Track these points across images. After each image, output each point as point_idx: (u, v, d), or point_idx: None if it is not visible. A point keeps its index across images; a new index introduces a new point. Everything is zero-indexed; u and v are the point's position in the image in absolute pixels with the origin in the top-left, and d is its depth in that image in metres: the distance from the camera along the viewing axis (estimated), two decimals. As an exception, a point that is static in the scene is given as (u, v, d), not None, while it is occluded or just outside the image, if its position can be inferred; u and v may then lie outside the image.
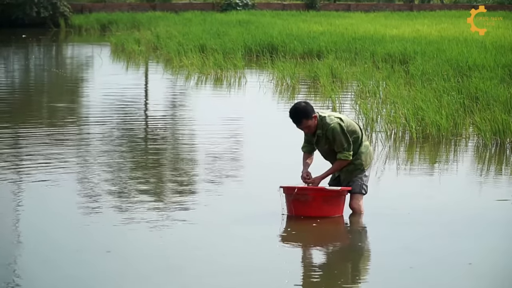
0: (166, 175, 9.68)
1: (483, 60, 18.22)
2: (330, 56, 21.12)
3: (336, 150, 7.73)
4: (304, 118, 7.65)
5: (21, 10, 39.82)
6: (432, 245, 7.07)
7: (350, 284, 6.23)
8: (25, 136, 11.95)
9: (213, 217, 7.80)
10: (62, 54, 29.84)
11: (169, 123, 14.00)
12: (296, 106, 7.71)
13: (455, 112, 12.51)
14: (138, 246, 6.92)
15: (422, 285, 6.17)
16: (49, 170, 9.64)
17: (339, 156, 7.73)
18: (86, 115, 14.51)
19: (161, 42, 27.29)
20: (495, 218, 7.97)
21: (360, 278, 6.39)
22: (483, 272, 6.49)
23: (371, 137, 11.96)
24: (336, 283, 6.19)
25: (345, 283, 6.21)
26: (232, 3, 45.29)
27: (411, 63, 19.17)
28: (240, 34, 26.99)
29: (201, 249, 6.88)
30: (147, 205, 8.14)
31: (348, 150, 7.70)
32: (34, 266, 6.41)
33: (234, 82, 19.35)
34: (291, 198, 7.72)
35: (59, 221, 7.67)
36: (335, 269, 6.57)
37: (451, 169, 10.27)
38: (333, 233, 7.60)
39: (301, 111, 7.65)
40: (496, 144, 11.52)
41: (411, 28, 30.28)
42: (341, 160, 7.74)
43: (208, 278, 6.19)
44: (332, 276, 6.34)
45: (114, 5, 45.03)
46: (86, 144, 11.55)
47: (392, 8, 49.53)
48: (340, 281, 6.23)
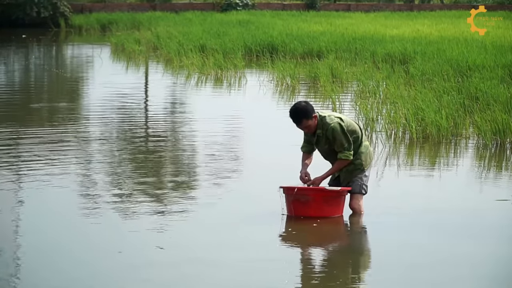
0: (166, 175, 9.68)
1: (483, 60, 18.22)
2: (330, 56, 21.12)
3: (337, 150, 7.73)
4: (304, 118, 7.65)
5: (21, 10, 39.82)
6: (432, 245, 7.07)
7: (350, 284, 6.23)
8: (25, 136, 11.95)
9: (213, 217, 7.80)
10: (62, 54, 29.84)
11: (169, 123, 14.00)
12: (296, 105, 7.70)
13: (455, 112, 12.51)
14: (137, 246, 6.91)
15: (422, 285, 6.17)
16: (49, 171, 9.64)
17: (339, 156, 7.72)
18: (86, 115, 14.51)
19: (161, 42, 27.29)
20: (495, 218, 7.97)
21: (360, 278, 6.39)
22: (484, 272, 6.49)
23: (371, 137, 11.96)
24: (336, 283, 6.18)
25: (345, 283, 6.21)
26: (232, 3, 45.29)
27: (411, 63, 19.17)
28: (240, 34, 26.99)
29: (201, 249, 6.88)
30: (147, 205, 8.14)
31: (349, 149, 7.70)
32: (34, 266, 6.41)
33: (234, 82, 19.36)
34: (291, 198, 7.72)
35: (59, 221, 7.67)
36: (334, 269, 6.57)
37: (451, 169, 10.27)
38: (333, 233, 7.60)
39: (301, 111, 7.65)
40: (496, 144, 11.52)
41: (411, 28, 30.28)
42: (342, 160, 7.74)
43: (208, 279, 6.19)
44: (332, 276, 6.34)
45: (114, 5, 45.02)
46: (86, 144, 11.54)
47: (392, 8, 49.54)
48: (339, 281, 6.23)
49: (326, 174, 7.83)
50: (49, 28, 39.91)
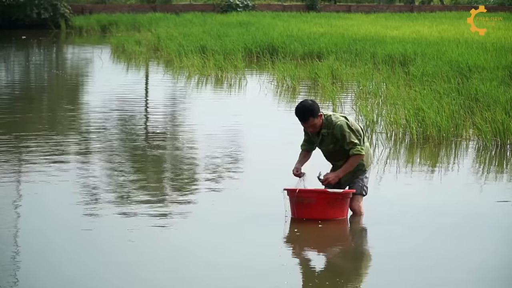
0: (167, 176, 9.68)
1: (483, 61, 18.23)
2: (331, 57, 21.13)
3: (347, 148, 7.70)
4: (310, 116, 7.66)
5: (22, 11, 39.86)
6: (432, 247, 7.07)
7: (350, 285, 6.23)
8: (25, 137, 11.94)
9: (214, 218, 7.80)
10: (62, 55, 29.84)
11: (169, 124, 14.00)
12: (304, 103, 7.72)
13: (455, 113, 12.51)
14: (137, 247, 6.91)
15: (422, 286, 6.17)
16: (49, 171, 9.64)
17: (352, 152, 7.70)
18: (86, 116, 14.50)
19: (161, 43, 27.31)
20: (495, 220, 7.97)
21: (361, 280, 6.39)
22: (484, 273, 6.49)
23: (371, 139, 11.96)
24: (335, 285, 6.19)
25: (345, 284, 6.21)
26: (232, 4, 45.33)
27: (412, 64, 19.18)
28: (240, 35, 27.01)
29: (202, 250, 6.88)
30: (147, 206, 8.14)
31: (360, 144, 7.70)
32: (34, 267, 6.41)
33: (234, 83, 19.36)
34: (294, 200, 7.73)
35: (59, 222, 7.67)
36: (335, 271, 6.57)
37: (452, 171, 10.27)
38: (333, 235, 7.59)
39: (308, 109, 7.66)
40: (497, 145, 11.52)
41: (412, 29, 30.30)
42: (355, 156, 7.71)
43: (208, 279, 6.19)
44: (332, 278, 6.34)
45: (114, 6, 45.06)
46: (86, 144, 11.54)
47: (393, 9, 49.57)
48: (340, 282, 6.23)
49: (341, 172, 7.76)
50: (49, 29, 39.95)
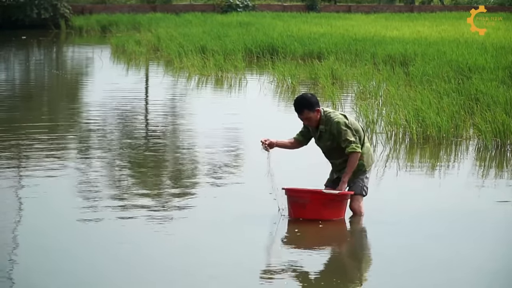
0: (166, 176, 9.68)
1: (483, 61, 18.23)
2: (331, 58, 21.13)
3: (343, 145, 7.70)
4: (306, 108, 7.69)
5: (22, 11, 39.86)
6: (432, 247, 7.07)
7: (350, 285, 6.23)
8: (25, 137, 11.95)
9: (213, 218, 7.80)
10: (62, 55, 29.85)
11: (169, 124, 14.00)
12: (302, 95, 7.80)
13: (455, 114, 12.51)
14: (137, 246, 6.92)
15: (422, 286, 6.17)
16: (49, 171, 9.65)
17: (347, 150, 7.69)
18: (86, 116, 14.50)
19: (161, 44, 27.31)
20: (495, 220, 7.97)
21: (361, 280, 6.39)
22: (484, 273, 6.49)
23: (371, 139, 11.96)
24: (335, 284, 6.18)
25: (345, 284, 6.21)
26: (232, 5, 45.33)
27: (412, 64, 19.18)
28: (240, 36, 27.01)
29: (200, 249, 6.89)
30: (147, 206, 8.15)
31: (356, 142, 7.69)
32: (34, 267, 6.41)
33: (234, 83, 19.36)
34: (289, 200, 7.74)
35: (59, 221, 7.67)
36: (333, 272, 6.57)
37: (452, 171, 10.27)
38: (333, 235, 7.59)
39: (305, 101, 7.70)
40: (497, 145, 11.52)
41: (412, 29, 30.30)
42: (352, 154, 7.69)
43: (208, 279, 6.19)
44: (332, 278, 6.34)
45: (114, 7, 45.07)
46: (86, 144, 11.55)
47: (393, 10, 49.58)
48: (340, 282, 6.23)
49: (346, 175, 7.76)
50: (49, 29, 39.95)
